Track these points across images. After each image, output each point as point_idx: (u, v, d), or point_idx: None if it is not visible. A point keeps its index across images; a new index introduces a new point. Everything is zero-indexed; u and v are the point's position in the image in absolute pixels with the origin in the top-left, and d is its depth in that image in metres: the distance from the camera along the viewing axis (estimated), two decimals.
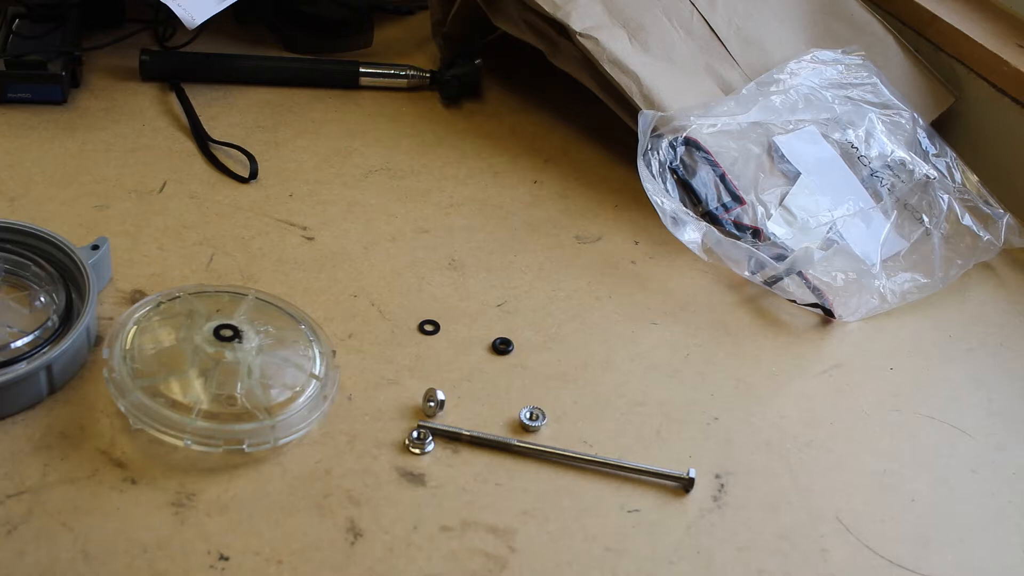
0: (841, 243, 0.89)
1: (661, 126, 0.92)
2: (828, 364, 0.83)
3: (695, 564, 0.66)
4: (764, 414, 0.77)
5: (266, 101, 1.02)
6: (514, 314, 0.82)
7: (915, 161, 0.97)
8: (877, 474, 0.74)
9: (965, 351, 0.87)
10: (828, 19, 1.08)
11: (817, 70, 1.01)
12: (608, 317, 0.84)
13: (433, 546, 0.65)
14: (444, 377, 0.76)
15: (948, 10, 1.09)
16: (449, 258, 0.87)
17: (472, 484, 0.69)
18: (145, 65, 1.01)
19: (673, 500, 0.70)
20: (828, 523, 0.70)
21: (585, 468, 0.71)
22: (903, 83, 1.05)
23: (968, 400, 0.82)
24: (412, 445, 0.70)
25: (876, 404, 0.80)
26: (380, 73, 1.06)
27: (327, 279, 0.83)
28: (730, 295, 0.88)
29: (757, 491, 0.71)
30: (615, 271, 0.88)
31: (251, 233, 0.86)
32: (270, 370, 0.71)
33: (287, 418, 0.68)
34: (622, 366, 0.80)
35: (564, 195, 0.96)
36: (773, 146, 0.94)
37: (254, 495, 0.66)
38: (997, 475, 0.76)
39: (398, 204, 0.92)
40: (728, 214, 0.90)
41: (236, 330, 0.71)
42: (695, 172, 0.91)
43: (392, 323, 0.80)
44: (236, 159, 0.94)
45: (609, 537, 0.67)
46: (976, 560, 0.70)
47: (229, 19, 1.07)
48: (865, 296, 0.87)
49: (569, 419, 0.75)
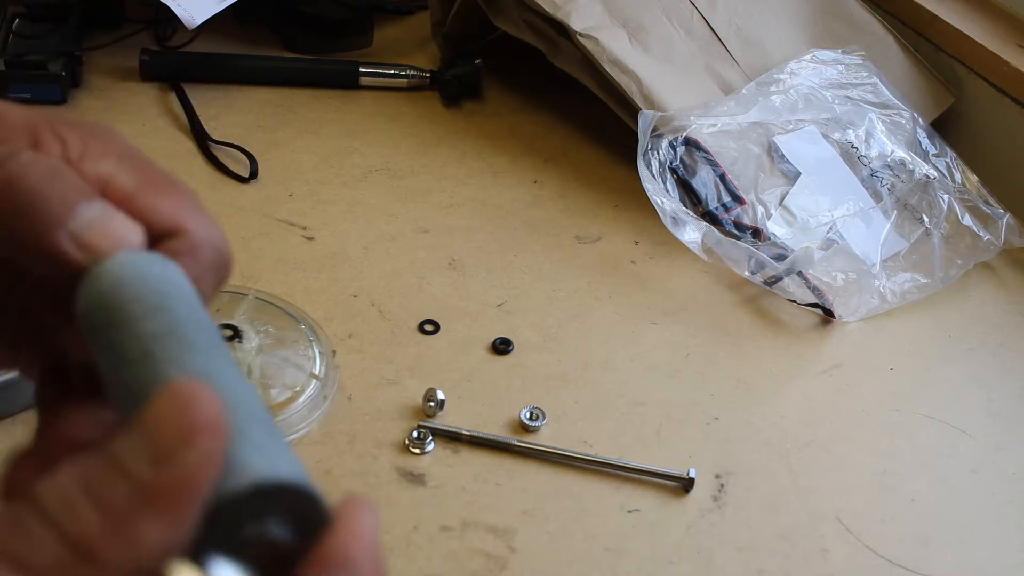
0: (841, 243, 0.89)
1: (661, 126, 0.92)
2: (828, 364, 0.83)
3: (695, 564, 0.66)
4: (764, 414, 0.77)
5: (266, 101, 1.02)
6: (514, 314, 0.82)
7: (915, 161, 0.97)
8: (877, 474, 0.74)
9: (965, 351, 0.87)
10: (828, 19, 1.08)
11: (817, 70, 1.01)
12: (608, 317, 0.84)
13: (433, 546, 0.65)
14: (444, 377, 0.76)
15: (948, 10, 1.09)
16: (449, 258, 0.87)
17: (472, 484, 0.69)
18: (145, 65, 1.01)
19: (673, 500, 0.70)
20: (828, 523, 0.70)
21: (585, 468, 0.71)
22: (903, 83, 1.05)
23: (968, 400, 0.82)
24: (412, 445, 0.70)
25: (876, 404, 0.80)
26: (380, 73, 1.06)
27: (327, 279, 0.83)
28: (730, 295, 0.88)
29: (757, 491, 0.71)
30: (615, 271, 0.88)
31: (251, 233, 0.86)
32: (270, 370, 0.71)
33: (287, 418, 0.68)
34: (622, 366, 0.79)
35: (564, 195, 0.96)
36: (773, 146, 0.94)
37: None
38: (997, 475, 0.76)
39: (398, 204, 0.92)
40: (728, 214, 0.90)
41: (236, 330, 0.71)
42: (695, 172, 0.91)
43: (392, 323, 0.80)
44: (236, 159, 0.94)
45: (609, 537, 0.67)
46: (976, 560, 0.70)
47: (229, 19, 1.07)
48: (865, 296, 0.87)
49: (569, 419, 0.74)
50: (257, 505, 0.27)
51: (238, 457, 0.28)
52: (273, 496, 0.28)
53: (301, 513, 0.28)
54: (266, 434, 0.29)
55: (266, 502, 0.28)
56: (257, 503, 0.27)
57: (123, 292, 0.31)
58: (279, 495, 0.28)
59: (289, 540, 0.28)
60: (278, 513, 0.28)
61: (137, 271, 0.31)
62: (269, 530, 0.28)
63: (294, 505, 0.28)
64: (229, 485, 0.27)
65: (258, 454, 0.28)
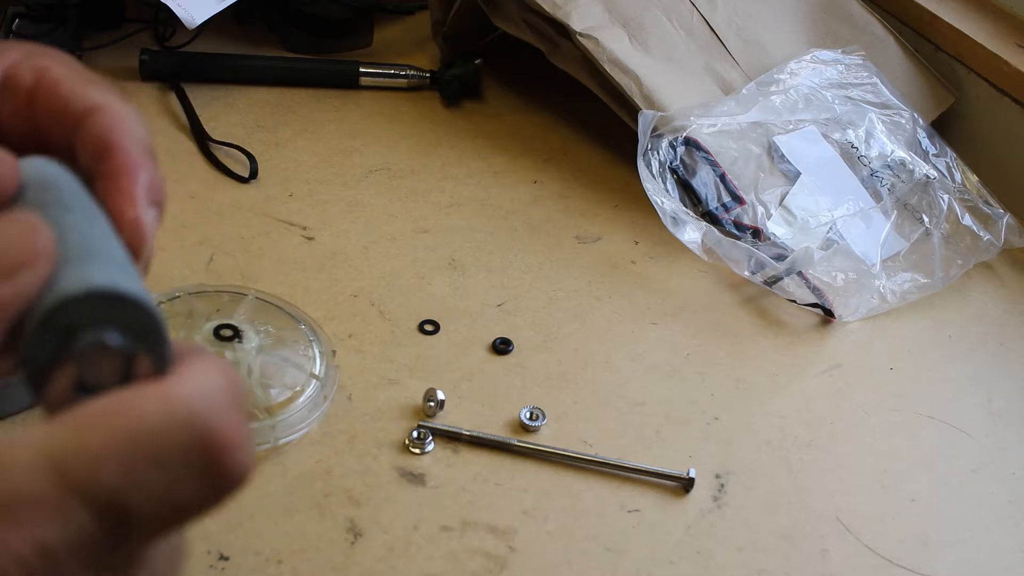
0: (841, 243, 0.89)
1: (661, 126, 0.92)
2: (828, 364, 0.83)
3: (695, 564, 0.66)
4: (764, 414, 0.77)
5: (266, 101, 1.02)
6: (514, 314, 0.82)
7: (915, 161, 0.97)
8: (877, 474, 0.74)
9: (965, 351, 0.87)
10: (828, 19, 1.08)
11: (817, 70, 1.01)
12: (608, 317, 0.84)
13: (433, 546, 0.65)
14: (444, 377, 0.76)
15: (948, 10, 1.09)
16: (449, 258, 0.87)
17: (472, 484, 0.69)
18: (145, 65, 1.01)
19: (673, 500, 0.70)
20: (828, 523, 0.70)
21: (585, 468, 0.71)
22: (903, 83, 1.05)
23: (968, 400, 0.82)
24: (412, 445, 0.70)
25: (876, 404, 0.80)
26: (380, 73, 1.06)
27: (327, 279, 0.83)
28: (730, 295, 0.88)
29: (757, 491, 0.71)
30: (615, 271, 0.88)
31: (251, 233, 0.86)
32: (270, 370, 0.71)
33: (287, 418, 0.68)
34: (622, 366, 0.79)
35: (564, 195, 0.96)
36: (773, 146, 0.94)
37: (254, 495, 0.66)
38: (997, 475, 0.76)
39: (398, 204, 0.92)
40: (728, 214, 0.90)
41: (236, 330, 0.71)
42: (695, 172, 0.91)
43: (392, 323, 0.80)
44: (236, 159, 0.94)
45: (609, 537, 0.67)
46: (976, 560, 0.70)
47: (229, 19, 1.07)
48: (865, 296, 0.87)
49: (569, 419, 0.74)
50: (92, 311, 0.29)
51: (83, 272, 0.30)
52: (108, 304, 0.30)
53: (140, 326, 0.30)
54: (118, 268, 0.31)
55: (101, 309, 0.29)
56: (91, 309, 0.29)
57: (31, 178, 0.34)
58: (115, 305, 0.30)
59: (126, 350, 0.30)
60: (114, 322, 0.30)
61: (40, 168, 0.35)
62: (104, 337, 0.29)
63: (133, 317, 0.30)
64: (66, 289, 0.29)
65: (101, 273, 0.30)
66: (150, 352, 0.30)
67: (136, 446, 0.27)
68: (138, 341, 0.30)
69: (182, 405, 0.28)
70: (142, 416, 0.28)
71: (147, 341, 0.30)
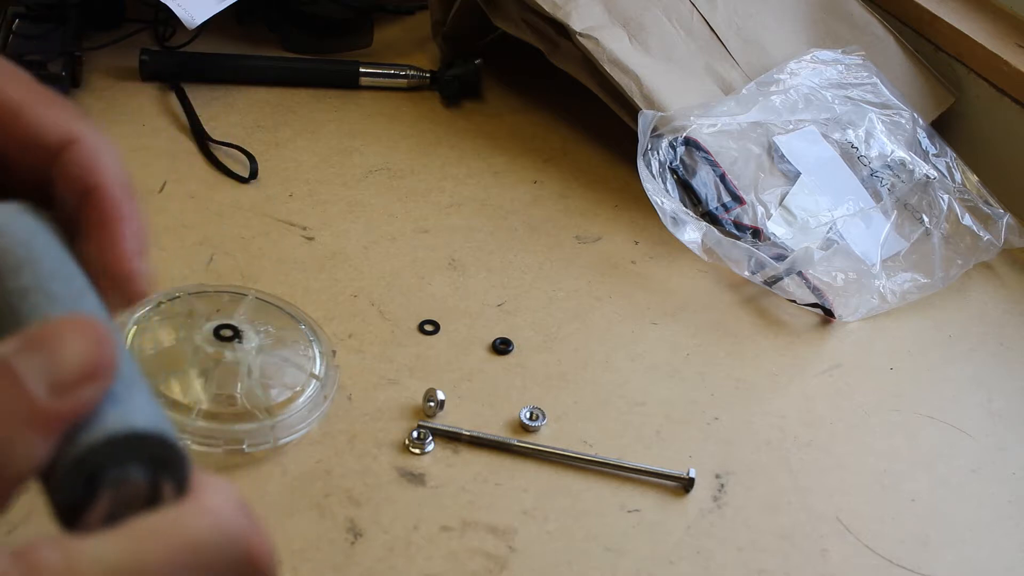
0: (841, 243, 0.89)
1: (661, 126, 0.92)
2: (828, 364, 0.83)
3: (695, 564, 0.66)
4: (764, 414, 0.77)
5: (266, 101, 1.02)
6: (514, 314, 0.82)
7: (915, 161, 0.97)
8: (877, 474, 0.74)
9: (965, 351, 0.87)
10: (828, 19, 1.08)
11: (817, 70, 1.01)
12: (608, 317, 0.84)
13: (433, 546, 0.65)
14: (444, 377, 0.76)
15: (948, 10, 1.09)
16: (449, 258, 0.87)
17: (472, 484, 0.69)
18: (145, 65, 1.01)
19: (673, 500, 0.70)
20: (828, 523, 0.70)
21: (585, 468, 0.71)
22: (903, 83, 1.05)
23: (968, 400, 0.82)
24: (412, 445, 0.70)
25: (876, 404, 0.80)
26: (380, 73, 1.06)
27: (327, 279, 0.83)
28: (730, 295, 0.88)
29: (757, 491, 0.71)
30: (615, 271, 0.88)
31: (251, 233, 0.86)
32: (270, 370, 0.71)
33: (287, 418, 0.68)
34: (622, 366, 0.79)
35: (564, 195, 0.96)
36: (773, 146, 0.94)
37: (254, 495, 0.66)
38: (997, 475, 0.76)
39: (398, 204, 0.92)
40: (728, 214, 0.90)
41: (236, 330, 0.71)
42: (695, 172, 0.91)
43: (392, 323, 0.80)
44: (236, 159, 0.94)
45: (609, 537, 0.67)
46: (976, 560, 0.70)
47: (229, 19, 1.07)
48: (865, 296, 0.87)
49: (569, 419, 0.74)
50: (119, 452, 0.29)
51: (108, 415, 0.30)
52: (134, 444, 0.30)
53: (160, 458, 0.30)
54: (125, 386, 0.31)
55: (126, 449, 0.29)
56: (118, 450, 0.29)
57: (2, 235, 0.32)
58: (140, 442, 0.30)
59: (153, 481, 0.30)
60: (139, 458, 0.30)
61: (3, 226, 0.32)
62: (131, 472, 0.30)
63: (152, 451, 0.30)
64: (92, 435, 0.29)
65: (124, 413, 0.30)
66: (173, 479, 0.30)
67: (193, 558, 0.29)
68: (161, 470, 0.30)
69: (226, 519, 0.30)
70: (194, 532, 0.29)
71: (170, 469, 0.30)
